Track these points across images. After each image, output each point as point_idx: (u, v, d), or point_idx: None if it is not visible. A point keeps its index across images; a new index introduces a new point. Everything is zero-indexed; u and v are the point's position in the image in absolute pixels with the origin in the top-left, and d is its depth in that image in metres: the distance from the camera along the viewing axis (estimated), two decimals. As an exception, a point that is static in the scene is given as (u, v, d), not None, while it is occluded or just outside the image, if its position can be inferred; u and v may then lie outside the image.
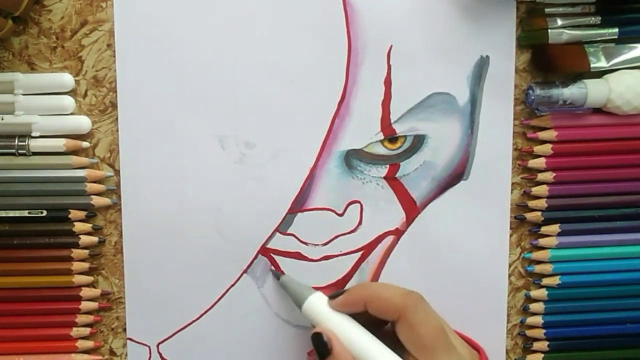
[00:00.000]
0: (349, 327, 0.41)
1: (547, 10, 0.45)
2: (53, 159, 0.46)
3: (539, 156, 0.48)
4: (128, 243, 0.47)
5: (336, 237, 0.47)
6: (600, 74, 0.46)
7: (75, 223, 0.46)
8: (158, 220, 0.46)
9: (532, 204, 0.48)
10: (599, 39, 0.45)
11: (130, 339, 0.48)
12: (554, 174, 0.47)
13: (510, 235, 0.49)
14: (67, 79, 0.45)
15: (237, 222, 0.47)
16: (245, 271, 0.47)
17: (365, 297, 0.41)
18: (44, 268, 0.46)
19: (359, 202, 0.47)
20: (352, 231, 0.47)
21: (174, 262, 0.47)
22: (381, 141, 0.47)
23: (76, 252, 0.46)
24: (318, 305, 0.43)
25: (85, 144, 0.46)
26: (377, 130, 0.47)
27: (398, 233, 0.48)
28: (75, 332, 0.47)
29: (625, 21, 0.45)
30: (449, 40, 0.46)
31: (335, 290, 0.44)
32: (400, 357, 0.40)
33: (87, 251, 0.47)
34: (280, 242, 0.47)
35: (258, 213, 0.47)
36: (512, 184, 0.48)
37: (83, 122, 0.46)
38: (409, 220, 0.48)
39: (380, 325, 0.42)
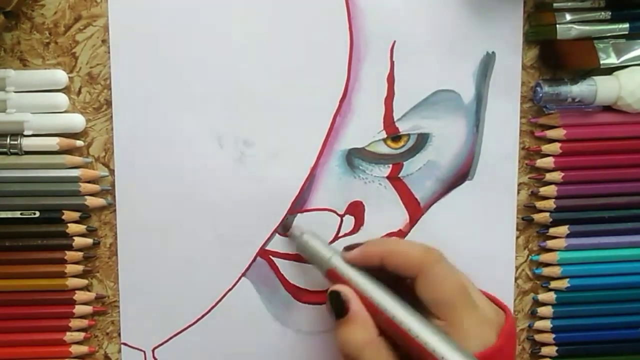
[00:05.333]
0: (367, 284, 0.40)
1: (555, 4, 0.44)
2: (46, 158, 0.45)
3: (547, 155, 0.47)
4: (123, 245, 0.46)
5: (337, 238, 0.46)
6: (610, 70, 0.45)
7: (68, 224, 0.45)
8: (154, 222, 0.46)
9: (539, 204, 0.47)
10: (609, 34, 0.45)
11: (125, 344, 0.47)
12: (563, 174, 0.47)
13: (517, 237, 0.48)
14: (60, 76, 0.44)
15: (235, 223, 0.46)
16: (243, 274, 0.47)
17: (383, 251, 0.40)
18: (36, 271, 0.45)
19: (361, 202, 0.46)
20: (353, 232, 0.47)
21: (171, 265, 0.46)
22: (384, 140, 0.46)
23: (70, 254, 0.46)
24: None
25: (79, 143, 0.45)
26: (380, 128, 0.46)
27: (401, 234, 0.47)
28: (69, 336, 0.46)
29: (636, 16, 0.45)
30: (454, 35, 0.45)
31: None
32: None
33: (81, 253, 0.46)
34: (279, 244, 0.46)
35: (257, 214, 0.46)
36: (519, 184, 0.48)
37: (77, 121, 0.45)
38: (413, 221, 0.47)
39: (396, 285, 0.40)
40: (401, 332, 0.37)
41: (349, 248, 0.42)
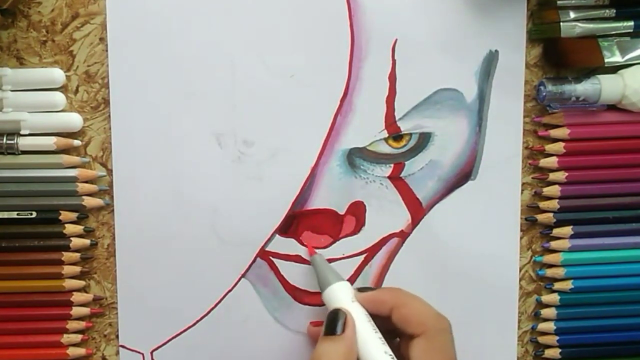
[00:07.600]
0: (365, 324, 0.40)
1: (559, 2, 0.44)
2: (43, 158, 0.45)
3: (551, 155, 0.47)
4: (121, 246, 0.46)
5: (338, 239, 0.46)
6: (615, 69, 0.45)
7: (66, 225, 0.45)
8: (152, 222, 0.45)
9: (543, 205, 0.47)
10: (613, 32, 0.44)
11: (123, 346, 0.47)
12: (567, 174, 0.46)
13: (521, 238, 0.48)
14: (57, 75, 0.44)
15: (234, 223, 0.46)
16: (243, 275, 0.46)
17: (397, 301, 0.41)
18: (33, 272, 0.45)
19: (362, 202, 0.46)
20: (354, 233, 0.46)
21: (169, 266, 0.46)
22: (385, 139, 0.46)
23: (67, 255, 0.45)
24: (341, 294, 0.42)
25: (77, 143, 0.45)
26: (381, 127, 0.45)
27: (403, 235, 0.47)
28: (66, 339, 0.46)
29: (641, 14, 0.44)
30: (457, 33, 0.45)
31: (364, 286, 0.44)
32: None
33: (78, 254, 0.46)
34: (279, 245, 0.46)
35: (257, 214, 0.46)
36: (523, 184, 0.47)
37: (74, 120, 0.44)
38: (415, 221, 0.47)
39: (389, 338, 0.41)
40: None
41: (364, 289, 0.42)
